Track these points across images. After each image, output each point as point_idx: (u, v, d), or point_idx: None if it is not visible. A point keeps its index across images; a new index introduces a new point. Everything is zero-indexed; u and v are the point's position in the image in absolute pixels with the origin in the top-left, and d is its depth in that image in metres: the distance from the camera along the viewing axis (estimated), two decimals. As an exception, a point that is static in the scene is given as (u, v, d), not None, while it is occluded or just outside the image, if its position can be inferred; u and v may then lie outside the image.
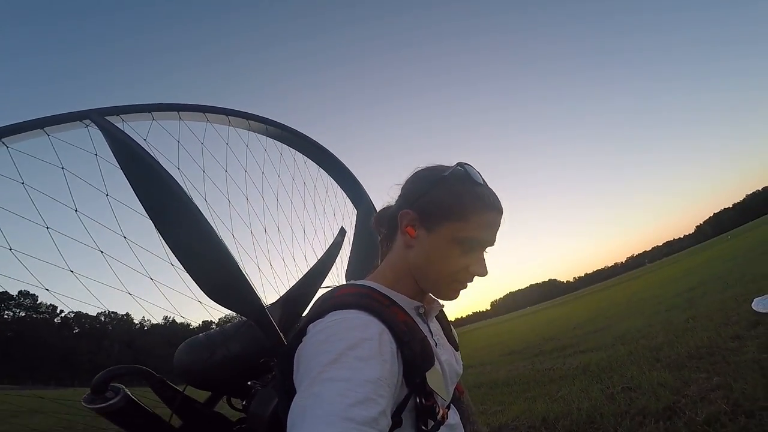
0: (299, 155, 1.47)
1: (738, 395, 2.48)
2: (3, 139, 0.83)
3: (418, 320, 0.72)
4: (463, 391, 0.89)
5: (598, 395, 3.41)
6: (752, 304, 4.42)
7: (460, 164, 0.75)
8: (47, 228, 0.88)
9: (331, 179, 1.50)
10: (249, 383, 0.99)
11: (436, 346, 0.72)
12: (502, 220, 0.75)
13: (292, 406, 0.53)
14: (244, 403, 0.97)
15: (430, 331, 0.75)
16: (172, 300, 0.99)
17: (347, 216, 1.46)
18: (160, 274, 0.97)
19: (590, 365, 4.77)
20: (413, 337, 0.65)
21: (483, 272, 0.72)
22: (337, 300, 0.67)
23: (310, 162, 1.49)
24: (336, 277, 1.29)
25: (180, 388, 0.94)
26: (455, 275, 0.72)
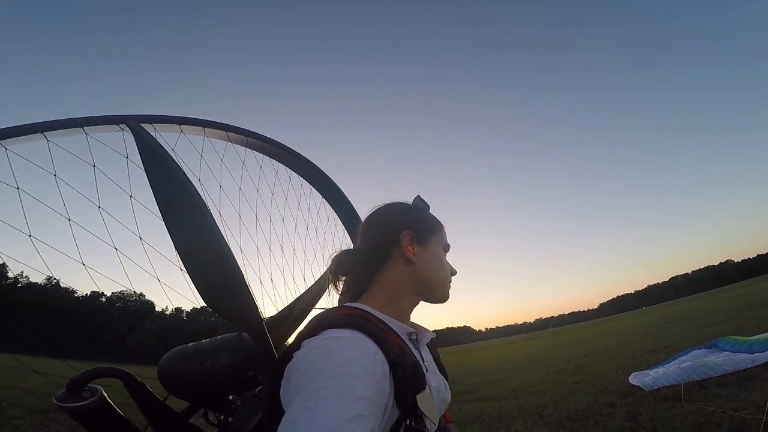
0: (305, 182, 1.53)
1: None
2: (45, 133, 0.88)
3: (410, 346, 0.74)
4: (450, 421, 0.92)
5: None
6: (629, 377, 4.90)
7: (417, 197, 0.94)
8: (69, 219, 0.92)
9: (325, 201, 1.54)
10: (230, 398, 0.98)
11: (426, 371, 0.72)
12: None
13: (283, 420, 0.52)
14: (221, 417, 0.94)
15: (422, 357, 0.77)
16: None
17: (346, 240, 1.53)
18: (163, 276, 0.99)
19: (483, 414, 4.90)
20: (406, 361, 0.66)
21: (453, 270, 0.90)
22: (334, 319, 0.68)
23: (312, 189, 1.54)
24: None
25: (161, 397, 0.90)
26: (448, 277, 0.87)
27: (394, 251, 0.82)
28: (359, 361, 0.58)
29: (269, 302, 1.25)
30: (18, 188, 0.88)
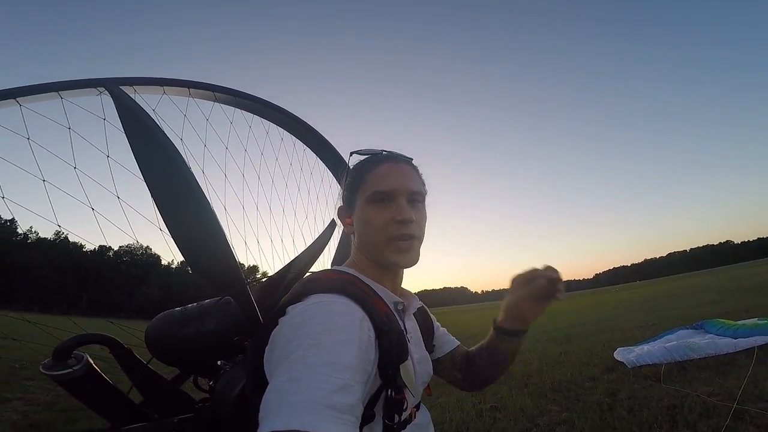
0: (298, 141, 1.48)
1: (577, 432, 2.81)
2: (18, 98, 0.86)
3: (396, 316, 0.73)
4: (430, 393, 0.91)
5: (469, 409, 3.67)
6: (614, 352, 5.05)
7: (350, 154, 0.84)
8: (44, 181, 0.92)
9: (320, 160, 1.49)
10: (219, 363, 0.97)
11: (409, 342, 0.72)
12: (406, 171, 0.78)
13: (267, 390, 0.50)
14: (211, 383, 0.94)
15: (405, 329, 0.74)
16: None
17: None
18: (145, 234, 1.00)
19: (470, 377, 5.09)
20: (392, 329, 0.64)
21: (401, 215, 0.72)
22: (320, 283, 0.66)
23: (307, 149, 1.50)
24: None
25: (151, 364, 0.89)
26: (386, 230, 0.72)
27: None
28: (344, 327, 0.57)
29: (265, 265, 1.24)
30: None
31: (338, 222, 0.89)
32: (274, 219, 1.34)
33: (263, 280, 1.08)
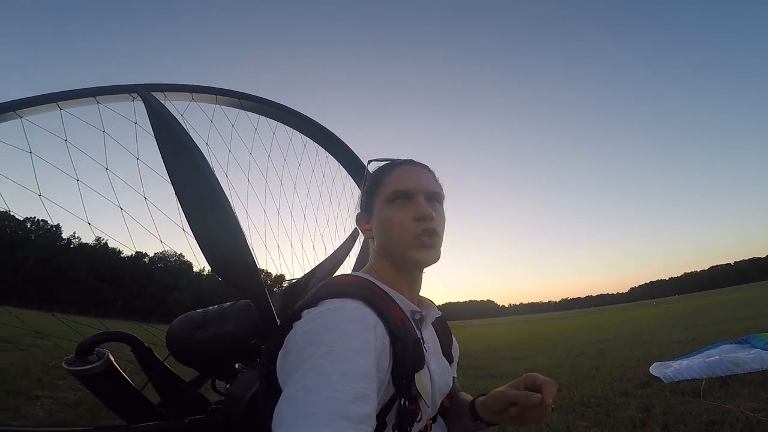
0: (321, 149, 1.51)
1: (607, 449, 2.64)
2: (58, 103, 0.91)
3: (413, 325, 0.71)
4: (449, 405, 0.87)
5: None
6: (650, 367, 4.79)
7: (369, 161, 0.87)
8: (77, 180, 0.96)
9: (341, 168, 1.52)
10: (237, 366, 0.99)
11: (427, 352, 0.70)
12: (424, 172, 0.79)
13: (281, 399, 0.49)
14: (228, 386, 0.95)
15: (422, 338, 0.73)
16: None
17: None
18: (171, 240, 1.03)
19: (495, 391, 4.93)
20: (407, 335, 0.63)
21: (421, 211, 0.72)
22: (335, 288, 0.65)
23: (330, 157, 1.52)
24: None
25: (170, 365, 0.91)
26: (406, 229, 0.72)
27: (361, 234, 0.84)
28: (359, 334, 0.56)
29: (287, 272, 1.26)
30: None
31: (359, 230, 0.89)
32: (296, 226, 1.36)
33: (285, 285, 1.10)
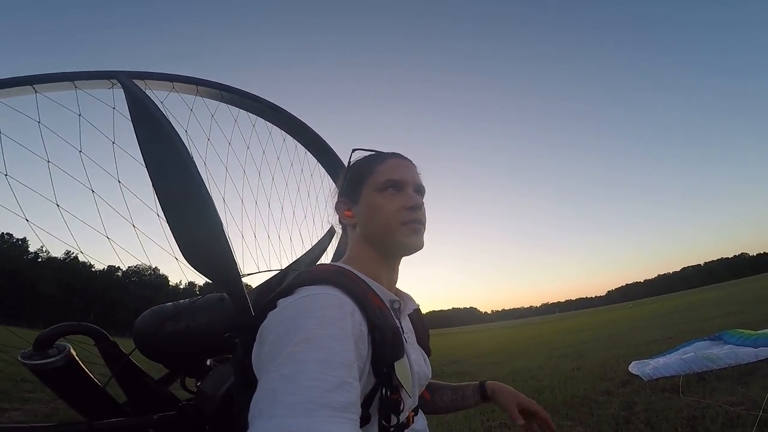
0: (300, 145, 1.51)
1: (592, 446, 2.64)
2: (35, 86, 0.88)
3: (391, 314, 0.70)
4: (429, 398, 0.91)
5: (477, 427, 3.51)
6: (629, 366, 4.88)
7: (352, 151, 0.83)
8: (48, 162, 0.91)
9: (320, 165, 1.51)
10: (209, 363, 0.95)
11: (406, 342, 0.69)
12: (412, 166, 0.81)
13: (258, 389, 0.48)
14: (198, 384, 0.91)
15: (402, 328, 0.72)
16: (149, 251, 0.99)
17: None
18: (144, 225, 0.99)
19: (479, 395, 4.93)
20: (386, 323, 0.62)
21: (412, 201, 0.74)
22: (311, 275, 0.65)
23: (308, 153, 1.52)
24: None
25: (138, 362, 0.86)
26: (396, 216, 0.73)
27: (342, 222, 0.83)
28: (336, 321, 0.54)
29: (264, 266, 1.22)
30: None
31: (336, 228, 0.89)
32: (274, 219, 1.35)
33: (263, 281, 1.07)
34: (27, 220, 0.86)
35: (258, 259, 1.23)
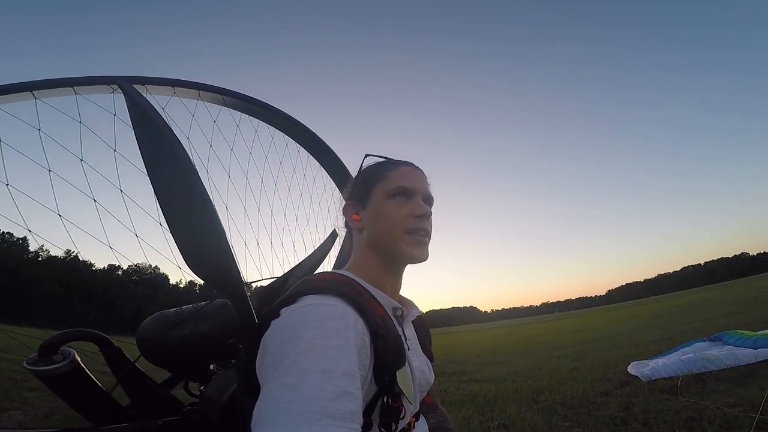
0: (303, 149, 1.50)
1: (589, 448, 2.65)
2: (34, 92, 0.87)
3: (394, 321, 0.71)
4: (432, 403, 0.90)
5: (476, 427, 3.53)
6: (628, 367, 4.88)
7: (365, 156, 0.84)
8: (49, 171, 0.91)
9: (323, 169, 1.50)
10: (211, 368, 0.95)
11: (408, 350, 0.70)
12: (422, 175, 0.82)
13: (261, 397, 0.48)
14: (201, 388, 0.91)
15: (404, 335, 0.73)
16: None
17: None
18: (144, 227, 0.99)
19: (479, 395, 4.94)
20: (388, 332, 0.62)
21: (420, 210, 0.75)
22: (314, 285, 0.65)
23: (311, 157, 1.51)
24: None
25: (141, 366, 0.87)
26: (403, 224, 0.74)
27: (350, 226, 0.83)
28: (339, 331, 0.55)
29: (266, 271, 1.23)
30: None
31: (339, 231, 0.89)
32: (276, 224, 1.34)
33: (264, 285, 1.06)
34: (30, 231, 0.87)
35: (260, 263, 1.24)
